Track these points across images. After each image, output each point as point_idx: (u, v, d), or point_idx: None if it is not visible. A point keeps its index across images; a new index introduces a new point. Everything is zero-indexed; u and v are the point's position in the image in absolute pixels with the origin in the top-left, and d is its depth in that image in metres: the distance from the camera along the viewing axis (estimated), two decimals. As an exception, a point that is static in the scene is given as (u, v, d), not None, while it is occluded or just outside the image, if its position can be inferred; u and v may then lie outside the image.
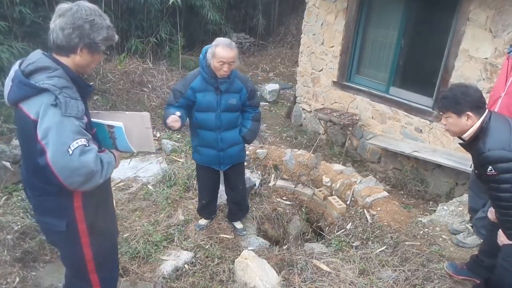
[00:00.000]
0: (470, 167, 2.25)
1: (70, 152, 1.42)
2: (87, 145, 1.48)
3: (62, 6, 1.53)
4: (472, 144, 2.07)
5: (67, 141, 1.43)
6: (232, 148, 2.94)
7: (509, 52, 2.66)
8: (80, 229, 1.73)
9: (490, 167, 1.94)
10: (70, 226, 1.70)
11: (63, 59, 1.57)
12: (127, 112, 1.87)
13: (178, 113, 2.61)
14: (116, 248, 2.13)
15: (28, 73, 1.49)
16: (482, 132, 2.01)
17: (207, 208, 3.32)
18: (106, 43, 1.62)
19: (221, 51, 2.57)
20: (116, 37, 1.67)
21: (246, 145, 3.12)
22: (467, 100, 2.00)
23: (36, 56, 1.55)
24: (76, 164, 1.43)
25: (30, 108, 1.47)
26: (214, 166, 3.02)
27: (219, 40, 2.65)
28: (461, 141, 2.18)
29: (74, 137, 1.44)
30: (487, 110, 2.06)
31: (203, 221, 3.35)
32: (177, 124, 2.60)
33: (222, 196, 3.45)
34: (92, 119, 1.73)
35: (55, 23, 1.52)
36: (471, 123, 2.03)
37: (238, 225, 3.42)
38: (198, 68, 2.81)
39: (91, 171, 1.47)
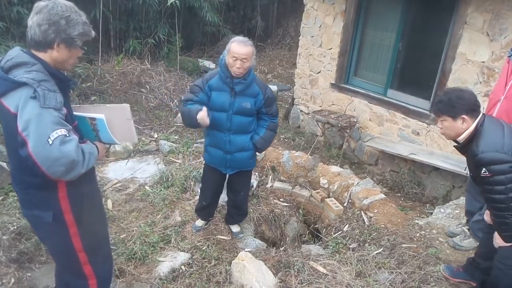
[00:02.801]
0: (465, 170, 2.27)
1: (50, 142, 1.45)
2: (67, 135, 1.51)
3: (39, 4, 1.58)
4: (466, 147, 2.09)
5: (47, 131, 1.46)
6: (241, 153, 2.89)
7: (509, 56, 2.66)
8: (67, 220, 1.77)
9: (484, 169, 1.96)
10: (57, 217, 1.74)
11: (41, 55, 1.61)
12: (108, 105, 1.93)
13: (205, 108, 2.59)
14: (107, 239, 2.14)
15: (7, 69, 1.55)
16: (476, 134, 2.03)
17: (205, 210, 3.30)
18: (83, 38, 1.68)
19: (235, 46, 2.57)
20: (93, 32, 1.73)
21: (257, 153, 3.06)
22: (462, 104, 2.03)
23: (15, 53, 1.60)
24: (56, 154, 1.46)
25: (10, 102, 1.52)
26: (220, 169, 2.99)
27: (236, 37, 2.68)
28: (455, 144, 2.20)
29: (53, 128, 1.48)
30: (481, 113, 2.08)
31: (199, 223, 3.34)
32: (208, 120, 2.58)
33: (221, 196, 3.43)
34: (74, 112, 1.78)
35: (32, 20, 1.58)
36: (466, 126, 2.05)
37: (235, 228, 3.40)
38: (216, 69, 2.81)
39: (72, 161, 1.50)
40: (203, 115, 2.57)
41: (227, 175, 3.10)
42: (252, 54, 2.62)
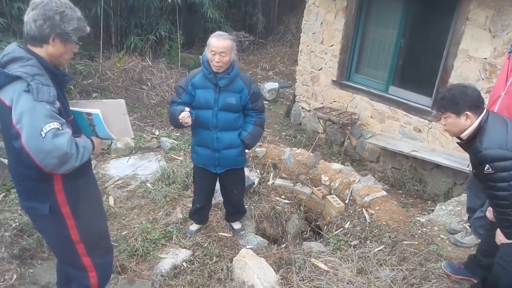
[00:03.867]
0: (468, 167, 2.26)
1: (43, 135, 1.48)
2: (60, 128, 1.54)
3: (35, 0, 1.62)
4: (469, 143, 2.08)
5: (39, 124, 1.49)
6: (229, 150, 2.86)
7: (510, 52, 2.65)
8: (63, 212, 1.79)
9: (487, 165, 1.95)
10: (53, 209, 1.77)
11: (37, 50, 1.64)
12: (104, 100, 1.96)
13: (187, 109, 2.60)
14: (106, 231, 2.15)
15: (4, 64, 1.58)
16: (479, 131, 2.02)
17: (199, 213, 3.24)
18: (78, 34, 1.71)
19: (214, 40, 2.55)
20: (88, 28, 1.76)
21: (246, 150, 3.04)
22: (465, 100, 2.02)
23: (11, 48, 1.64)
24: (49, 146, 1.49)
25: (6, 95, 1.55)
26: (210, 168, 2.94)
27: (216, 32, 2.66)
28: (459, 141, 2.19)
29: (46, 121, 1.51)
30: (485, 110, 2.07)
31: (194, 227, 3.29)
32: (189, 120, 2.59)
33: (220, 195, 3.43)
34: (71, 108, 1.81)
35: (28, 16, 1.61)
36: (470, 123, 2.04)
37: (236, 225, 3.39)
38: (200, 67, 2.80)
39: (65, 154, 1.53)
40: (184, 115, 2.57)
41: (218, 175, 3.05)
42: (231, 48, 2.58)
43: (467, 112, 2.02)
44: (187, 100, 2.74)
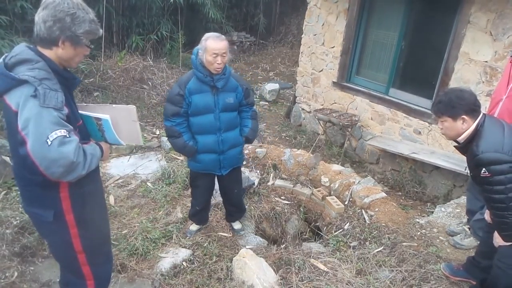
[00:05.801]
0: (465, 170, 2.28)
1: (49, 142, 1.42)
2: (67, 136, 1.48)
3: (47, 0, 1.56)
4: (466, 147, 2.09)
5: (45, 131, 1.43)
6: (233, 150, 2.88)
7: (511, 56, 2.67)
8: (67, 220, 1.74)
9: (483, 169, 1.96)
10: (58, 216, 1.71)
11: (46, 52, 1.59)
12: (114, 105, 1.88)
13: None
14: (107, 240, 2.12)
15: (11, 66, 1.52)
16: (476, 135, 2.03)
17: (199, 215, 3.24)
18: (89, 37, 1.64)
19: (212, 43, 2.53)
20: (100, 31, 1.68)
21: (245, 145, 3.07)
22: (462, 104, 2.03)
23: (20, 49, 1.57)
24: (55, 154, 1.43)
25: (12, 99, 1.49)
26: (214, 172, 2.93)
27: (208, 34, 2.61)
28: (456, 144, 2.21)
29: (52, 128, 1.45)
30: (481, 113, 2.08)
31: (194, 227, 3.30)
32: None
33: (219, 195, 3.45)
34: (80, 111, 1.75)
35: (39, 15, 1.54)
36: (466, 127, 2.06)
37: (236, 225, 3.41)
38: (189, 72, 2.75)
39: (71, 162, 1.47)
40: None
41: (216, 176, 3.05)
42: (228, 47, 2.61)
43: (464, 116, 2.03)
44: (187, 108, 2.71)
